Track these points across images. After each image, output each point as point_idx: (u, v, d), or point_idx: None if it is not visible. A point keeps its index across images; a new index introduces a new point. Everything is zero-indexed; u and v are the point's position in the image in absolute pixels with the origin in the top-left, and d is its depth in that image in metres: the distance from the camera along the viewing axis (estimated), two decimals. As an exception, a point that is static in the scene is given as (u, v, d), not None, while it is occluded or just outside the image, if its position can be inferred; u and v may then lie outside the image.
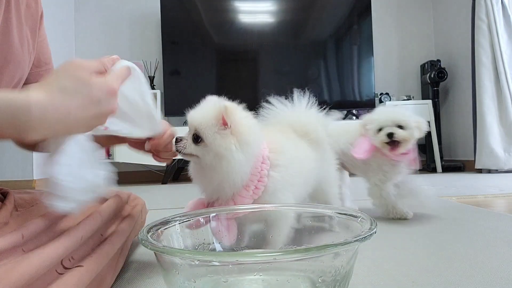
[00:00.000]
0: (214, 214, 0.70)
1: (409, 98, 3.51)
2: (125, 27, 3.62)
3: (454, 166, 3.30)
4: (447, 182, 2.42)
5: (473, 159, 3.06)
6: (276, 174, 0.77)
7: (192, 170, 0.78)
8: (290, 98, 0.98)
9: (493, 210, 1.36)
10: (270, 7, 3.47)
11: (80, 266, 0.51)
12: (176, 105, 3.27)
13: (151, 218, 0.71)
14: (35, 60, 0.75)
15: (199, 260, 0.49)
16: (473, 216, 1.18)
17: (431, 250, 0.87)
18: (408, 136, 1.15)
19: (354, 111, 3.43)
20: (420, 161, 1.29)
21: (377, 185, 1.22)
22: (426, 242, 0.94)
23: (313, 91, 1.01)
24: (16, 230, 0.50)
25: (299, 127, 0.94)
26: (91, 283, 0.53)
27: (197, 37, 3.39)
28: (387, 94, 3.50)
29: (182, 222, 0.65)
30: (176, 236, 0.64)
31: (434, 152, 3.28)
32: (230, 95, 0.79)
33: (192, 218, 0.68)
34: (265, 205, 0.74)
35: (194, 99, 0.79)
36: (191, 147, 0.72)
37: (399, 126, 1.16)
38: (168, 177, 3.13)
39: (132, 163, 3.11)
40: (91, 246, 0.59)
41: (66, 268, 0.50)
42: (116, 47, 3.58)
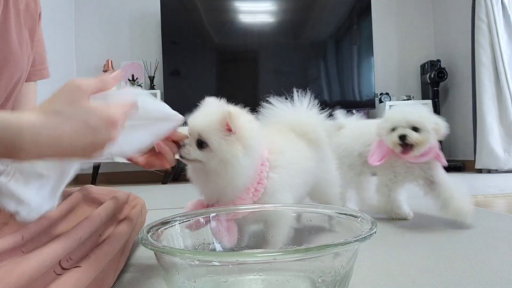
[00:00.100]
0: (214, 214, 0.70)
1: (409, 98, 3.51)
2: (125, 27, 3.62)
3: (454, 166, 3.30)
4: (447, 182, 2.41)
5: (473, 159, 3.06)
6: (275, 175, 0.76)
7: (192, 173, 0.77)
8: (291, 98, 0.98)
9: (493, 210, 1.36)
10: (270, 7, 3.47)
11: (78, 266, 0.51)
12: (176, 105, 3.22)
13: (151, 218, 0.71)
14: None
15: (199, 260, 0.49)
16: (473, 216, 1.18)
17: (431, 250, 0.87)
18: (422, 139, 1.06)
19: (354, 111, 3.42)
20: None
21: (387, 185, 1.17)
22: (426, 242, 0.94)
23: (313, 91, 1.01)
24: (16, 231, 0.50)
25: (298, 126, 0.93)
26: (91, 283, 0.53)
27: (197, 37, 3.39)
28: (387, 94, 3.50)
29: (182, 222, 0.66)
30: (176, 236, 0.64)
31: (434, 152, 3.27)
32: (230, 95, 0.79)
33: (192, 218, 0.68)
34: (265, 205, 0.74)
35: (194, 99, 0.79)
36: (195, 153, 0.70)
37: (414, 128, 1.07)
38: (168, 177, 3.13)
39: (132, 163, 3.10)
40: (90, 247, 0.59)
41: (64, 268, 0.50)
42: (116, 47, 3.58)
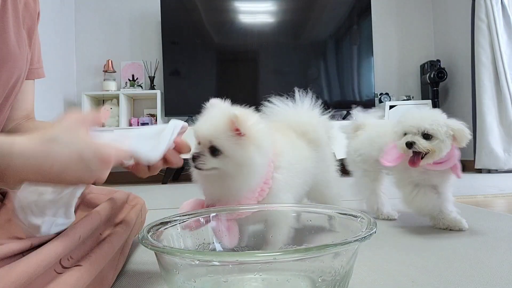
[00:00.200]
0: (215, 214, 0.70)
1: (409, 98, 3.51)
2: (125, 27, 3.62)
3: (454, 166, 3.30)
4: (447, 182, 2.41)
5: (472, 159, 3.06)
6: (279, 175, 0.77)
7: (200, 177, 0.74)
8: (291, 97, 0.98)
9: (493, 210, 1.36)
10: (270, 7, 3.47)
11: (79, 265, 0.51)
12: (176, 105, 3.27)
13: (151, 218, 0.71)
14: None
15: (199, 260, 0.49)
16: (473, 216, 1.18)
17: (431, 250, 0.87)
18: (433, 148, 0.97)
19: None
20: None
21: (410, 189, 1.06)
22: (426, 242, 0.94)
23: (313, 91, 1.01)
24: (23, 238, 0.50)
25: (298, 126, 0.93)
26: (91, 282, 0.53)
27: (197, 37, 3.39)
28: (387, 94, 3.50)
29: (182, 222, 0.66)
30: (176, 236, 0.64)
31: (434, 152, 3.27)
32: (230, 95, 0.79)
33: (192, 218, 0.68)
34: (264, 205, 0.74)
35: (194, 99, 0.79)
36: (211, 162, 0.69)
37: (426, 135, 0.98)
38: (168, 177, 3.13)
39: (132, 163, 3.10)
40: (90, 246, 0.59)
41: (65, 267, 0.50)
42: (116, 47, 3.58)
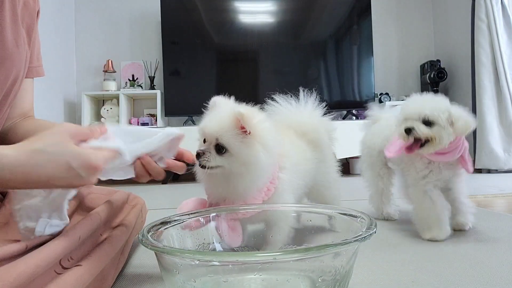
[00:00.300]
0: (216, 214, 0.70)
1: (409, 98, 3.50)
2: (125, 27, 3.62)
3: (454, 166, 3.30)
4: (447, 182, 2.41)
5: (472, 159, 3.05)
6: (284, 176, 0.77)
7: (205, 177, 0.74)
8: (293, 97, 0.97)
9: (493, 210, 1.36)
10: (270, 7, 3.47)
11: (79, 265, 0.51)
12: (176, 105, 3.27)
13: (151, 218, 0.71)
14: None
15: (199, 260, 0.49)
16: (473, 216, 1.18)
17: (431, 250, 0.87)
18: (433, 135, 0.92)
19: (354, 111, 3.43)
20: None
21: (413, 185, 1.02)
22: (426, 242, 0.94)
23: (313, 91, 1.01)
24: (19, 240, 0.50)
25: (298, 126, 0.93)
26: (92, 282, 0.53)
27: (197, 37, 3.39)
28: (386, 94, 3.50)
29: (183, 222, 0.66)
30: (176, 236, 0.64)
31: (434, 152, 3.27)
32: (230, 95, 0.79)
33: (192, 218, 0.68)
34: (264, 205, 0.74)
35: (194, 99, 0.79)
36: (216, 159, 0.69)
37: (427, 121, 0.93)
38: (168, 177, 3.13)
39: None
40: (90, 246, 0.59)
41: (65, 268, 0.50)
42: (116, 47, 3.58)
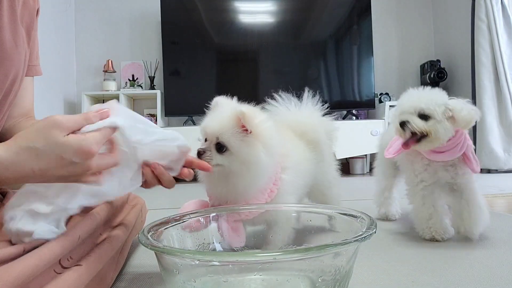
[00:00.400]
0: (220, 215, 0.70)
1: (409, 98, 3.50)
2: (125, 27, 3.62)
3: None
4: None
5: (473, 159, 3.05)
6: (286, 176, 0.77)
7: (206, 177, 0.74)
8: (293, 97, 0.97)
9: (493, 210, 1.36)
10: (270, 7, 3.47)
11: (79, 265, 0.51)
12: (176, 105, 3.26)
13: (151, 218, 0.71)
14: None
15: (199, 260, 0.49)
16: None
17: (431, 250, 0.87)
18: (428, 129, 0.87)
19: (354, 111, 3.43)
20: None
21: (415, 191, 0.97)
22: (426, 242, 0.94)
23: (312, 91, 1.01)
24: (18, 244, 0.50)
25: (297, 126, 0.93)
26: (91, 282, 0.53)
27: (197, 37, 3.39)
28: (386, 94, 3.50)
29: (183, 222, 0.66)
30: (176, 236, 0.64)
31: (434, 152, 3.27)
32: (230, 95, 0.79)
33: (192, 218, 0.68)
34: (264, 205, 0.73)
35: (194, 99, 0.79)
36: (216, 158, 0.69)
37: (423, 115, 0.89)
38: (168, 177, 3.12)
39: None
40: (90, 246, 0.59)
41: (65, 267, 0.50)
42: (116, 47, 3.58)
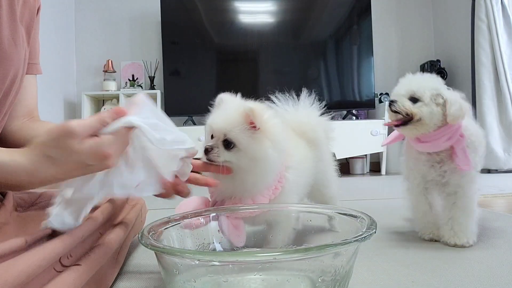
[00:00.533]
0: (216, 214, 0.70)
1: (409, 98, 3.50)
2: (125, 27, 3.62)
3: (454, 166, 3.29)
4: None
5: (473, 159, 3.05)
6: (290, 175, 0.77)
7: (211, 174, 0.73)
8: (292, 97, 0.97)
9: (493, 210, 1.36)
10: (270, 7, 3.47)
11: (78, 265, 0.51)
12: (176, 105, 3.26)
13: (151, 218, 0.71)
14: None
15: (199, 260, 0.49)
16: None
17: (431, 250, 0.87)
18: (414, 111, 0.86)
19: (354, 111, 3.43)
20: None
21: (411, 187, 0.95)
22: (426, 242, 0.94)
23: (313, 91, 1.01)
24: (19, 235, 0.50)
25: (297, 125, 0.93)
26: (90, 281, 0.53)
27: (197, 37, 3.39)
28: (386, 94, 3.49)
29: (183, 222, 0.66)
30: (176, 236, 0.64)
31: (434, 152, 3.27)
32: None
33: (192, 217, 0.68)
34: (264, 205, 0.73)
35: (194, 99, 0.78)
36: (224, 155, 0.69)
37: (414, 98, 0.87)
38: (168, 177, 3.12)
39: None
40: (90, 245, 0.58)
41: (65, 266, 0.49)
42: (116, 47, 3.58)
